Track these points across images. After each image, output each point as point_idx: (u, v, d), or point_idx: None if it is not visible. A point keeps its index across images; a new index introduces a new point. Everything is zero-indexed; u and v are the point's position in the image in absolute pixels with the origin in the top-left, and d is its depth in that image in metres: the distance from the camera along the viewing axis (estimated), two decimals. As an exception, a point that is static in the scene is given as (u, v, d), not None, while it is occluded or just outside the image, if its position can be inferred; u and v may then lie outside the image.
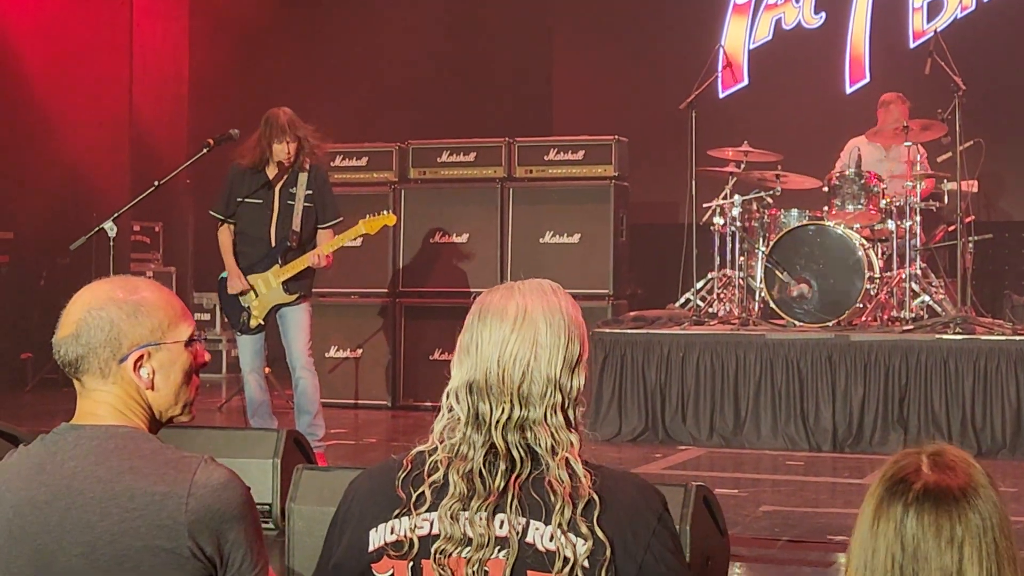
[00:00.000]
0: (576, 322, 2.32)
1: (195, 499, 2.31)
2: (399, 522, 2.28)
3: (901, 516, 1.93)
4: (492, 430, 2.25)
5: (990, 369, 8.34)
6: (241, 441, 6.11)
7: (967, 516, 1.91)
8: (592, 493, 2.21)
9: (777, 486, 7.50)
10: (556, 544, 2.18)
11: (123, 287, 2.48)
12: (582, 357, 2.31)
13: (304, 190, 7.61)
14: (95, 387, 2.45)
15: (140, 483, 2.32)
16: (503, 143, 10.62)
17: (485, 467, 2.25)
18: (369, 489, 2.37)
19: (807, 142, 10.82)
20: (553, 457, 2.23)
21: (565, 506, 2.19)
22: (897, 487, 1.95)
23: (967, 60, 9.56)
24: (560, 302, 2.33)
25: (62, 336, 2.44)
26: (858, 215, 9.21)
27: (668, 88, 11.19)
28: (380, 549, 2.29)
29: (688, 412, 8.93)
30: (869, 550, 1.95)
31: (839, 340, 8.69)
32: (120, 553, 2.29)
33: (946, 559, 1.89)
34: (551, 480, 2.22)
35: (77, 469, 2.35)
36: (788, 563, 5.74)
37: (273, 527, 5.88)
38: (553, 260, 10.20)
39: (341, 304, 10.69)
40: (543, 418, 2.25)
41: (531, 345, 2.27)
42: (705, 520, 4.46)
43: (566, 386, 2.28)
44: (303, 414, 7.58)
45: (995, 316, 9.60)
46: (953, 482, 1.94)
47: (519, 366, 2.26)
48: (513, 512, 2.22)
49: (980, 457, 8.13)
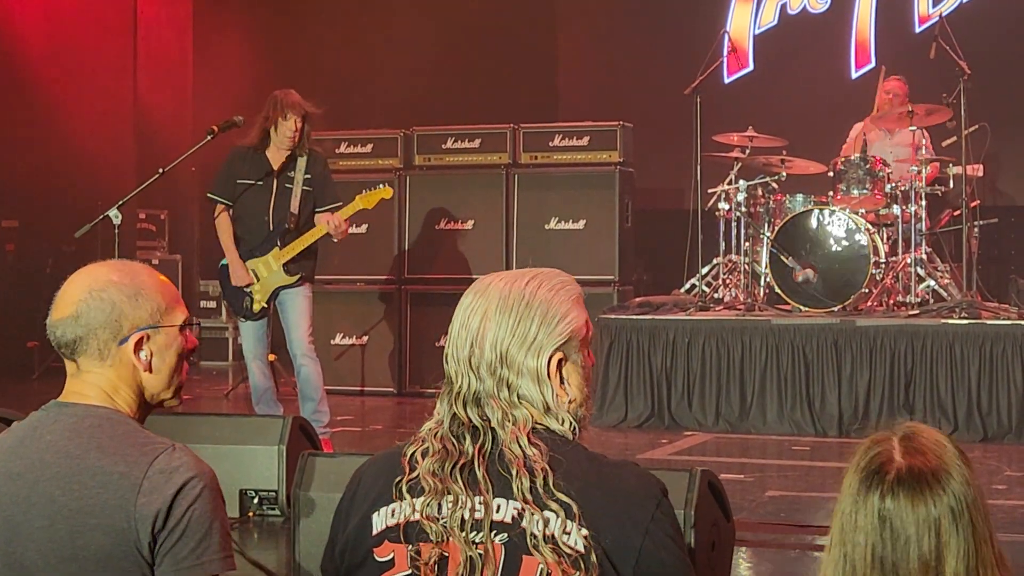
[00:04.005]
0: (545, 306, 2.33)
1: (149, 482, 2.32)
2: (399, 505, 2.30)
3: (879, 507, 1.92)
4: (454, 400, 2.32)
5: (996, 354, 8.33)
6: (247, 428, 6.12)
7: (942, 500, 1.90)
8: (545, 466, 2.22)
9: (783, 471, 7.50)
10: (543, 528, 2.20)
11: (121, 270, 2.51)
12: (540, 339, 2.31)
13: (303, 174, 7.58)
14: (89, 369, 2.47)
15: (103, 461, 2.35)
16: (508, 129, 10.61)
17: (452, 434, 2.29)
18: (374, 474, 2.38)
19: (812, 127, 10.80)
20: (504, 431, 2.27)
21: (523, 477, 2.22)
22: (872, 478, 1.95)
23: (972, 44, 9.53)
24: (532, 286, 2.35)
25: (60, 317, 2.47)
26: (863, 200, 9.21)
27: (673, 74, 11.17)
28: (382, 533, 2.31)
29: (694, 397, 8.94)
30: (849, 543, 1.94)
31: (845, 325, 8.68)
32: (74, 529, 2.32)
33: (924, 544, 1.89)
34: (504, 452, 2.25)
35: (51, 443, 2.39)
36: (794, 548, 5.74)
37: (279, 513, 5.90)
38: (558, 246, 10.20)
39: (347, 291, 10.69)
40: (494, 391, 2.29)
41: (481, 318, 2.32)
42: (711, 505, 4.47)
43: (516, 363, 2.30)
44: (307, 401, 7.55)
45: (1001, 300, 9.59)
46: (925, 465, 1.93)
47: (469, 336, 2.32)
48: (499, 495, 2.24)
49: (986, 441, 8.17)
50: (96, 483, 2.33)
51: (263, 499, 5.96)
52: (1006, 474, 7.30)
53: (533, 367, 2.30)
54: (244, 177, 7.59)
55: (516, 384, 2.30)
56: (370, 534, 2.32)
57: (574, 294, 2.39)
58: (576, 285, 2.42)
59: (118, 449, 2.37)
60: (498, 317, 2.32)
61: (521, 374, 2.30)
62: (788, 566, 5.52)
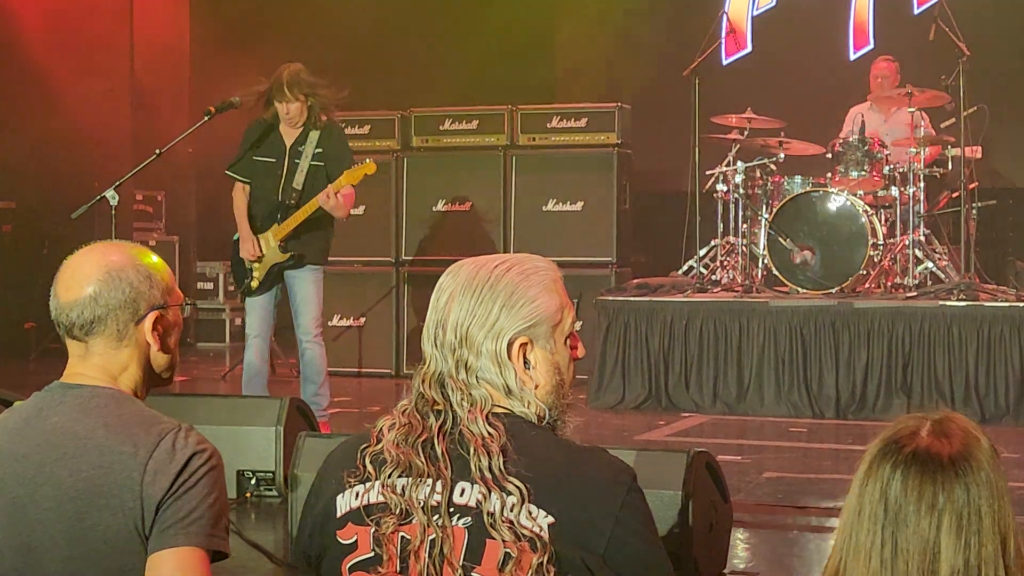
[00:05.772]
0: (509, 288, 2.33)
1: (155, 462, 2.32)
2: (362, 488, 2.31)
3: (888, 477, 1.92)
4: (422, 379, 2.34)
5: (993, 336, 8.34)
6: (244, 409, 6.13)
7: (952, 486, 1.89)
8: (503, 447, 2.23)
9: (780, 453, 7.51)
10: (501, 509, 2.20)
11: (129, 251, 2.53)
12: (501, 322, 2.31)
13: (313, 148, 7.39)
14: (101, 350, 2.48)
15: (110, 440, 2.35)
16: (506, 110, 10.59)
17: (417, 410, 2.32)
18: (340, 458, 2.39)
19: (810, 109, 10.78)
20: (462, 410, 2.28)
21: (480, 455, 2.22)
22: (890, 448, 1.95)
23: (972, 26, 9.51)
24: (500, 270, 2.36)
25: (75, 297, 2.46)
26: (861, 182, 9.20)
27: (671, 55, 11.15)
28: (345, 515, 2.31)
29: (691, 379, 8.94)
30: (856, 508, 1.95)
31: (842, 307, 8.69)
32: (82, 510, 2.32)
33: (923, 525, 1.89)
34: (463, 432, 2.26)
35: (58, 424, 2.39)
36: (791, 529, 5.75)
37: (276, 494, 5.91)
38: (556, 228, 10.18)
39: (344, 272, 10.66)
40: (454, 372, 2.31)
41: (447, 299, 2.36)
42: (708, 486, 4.48)
43: (476, 344, 2.31)
44: (308, 383, 7.46)
45: (999, 283, 9.58)
46: (945, 450, 1.92)
47: (435, 317, 2.36)
48: (461, 477, 2.24)
49: (983, 423, 8.10)
50: (103, 462, 2.33)
51: (260, 480, 5.97)
52: (1004, 456, 7.28)
53: (492, 349, 2.31)
54: (260, 154, 7.44)
55: (475, 365, 2.31)
56: (334, 516, 2.32)
57: (547, 279, 2.38)
58: (553, 271, 2.41)
59: (125, 428, 2.37)
60: (461, 298, 2.34)
61: (480, 355, 2.31)
62: (786, 547, 5.53)
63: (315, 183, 7.39)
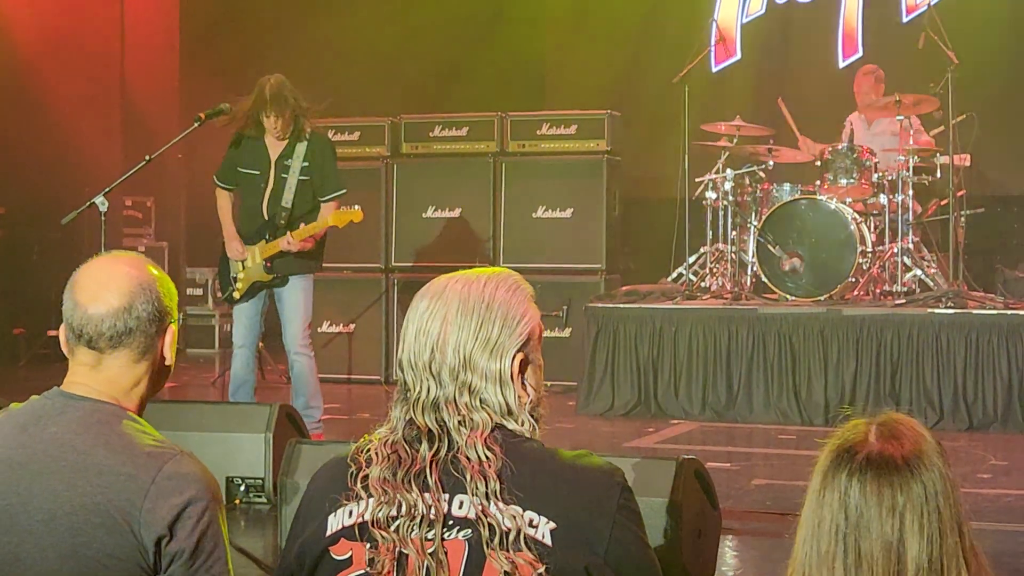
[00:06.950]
0: (504, 307, 2.32)
1: (156, 488, 2.31)
2: (356, 506, 2.29)
3: (845, 486, 1.94)
4: (412, 406, 2.30)
5: (982, 343, 8.36)
6: (233, 416, 6.12)
7: (909, 485, 1.91)
8: (500, 469, 2.21)
9: (769, 460, 7.52)
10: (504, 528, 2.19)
11: (147, 264, 2.52)
12: (503, 342, 2.30)
13: (300, 162, 7.30)
14: (120, 364, 2.45)
15: (110, 460, 2.33)
16: (495, 117, 10.60)
17: (405, 440, 2.28)
18: (330, 477, 2.36)
19: (800, 117, 10.79)
20: (460, 435, 2.25)
21: (478, 482, 2.21)
22: (842, 457, 1.97)
23: (960, 34, 9.54)
24: (489, 288, 2.34)
25: (109, 308, 2.43)
26: (850, 189, 9.22)
27: (661, 62, 11.16)
28: (338, 532, 2.29)
29: (680, 386, 8.95)
30: (815, 520, 1.97)
31: (831, 314, 8.70)
32: (75, 526, 2.30)
33: (887, 528, 1.90)
34: (460, 457, 2.24)
35: (56, 436, 2.36)
36: (780, 536, 5.76)
37: (266, 501, 5.91)
38: (546, 235, 10.19)
39: (334, 279, 10.64)
40: (454, 396, 2.27)
41: (441, 322, 2.30)
42: (697, 493, 4.48)
43: (480, 367, 2.28)
44: (298, 396, 7.38)
45: (987, 290, 9.61)
46: (897, 451, 1.94)
47: (429, 342, 2.30)
48: (458, 491, 2.23)
49: (972, 431, 8.19)
50: (102, 482, 2.30)
51: (249, 487, 5.97)
52: (991, 463, 7.33)
53: (496, 369, 2.29)
54: (244, 165, 7.38)
55: (479, 388, 2.28)
56: (324, 535, 2.30)
57: (527, 293, 2.38)
58: (527, 284, 2.41)
59: (126, 449, 2.34)
60: (460, 320, 2.30)
61: (485, 377, 2.29)
62: (774, 554, 5.53)
63: (303, 201, 7.34)
